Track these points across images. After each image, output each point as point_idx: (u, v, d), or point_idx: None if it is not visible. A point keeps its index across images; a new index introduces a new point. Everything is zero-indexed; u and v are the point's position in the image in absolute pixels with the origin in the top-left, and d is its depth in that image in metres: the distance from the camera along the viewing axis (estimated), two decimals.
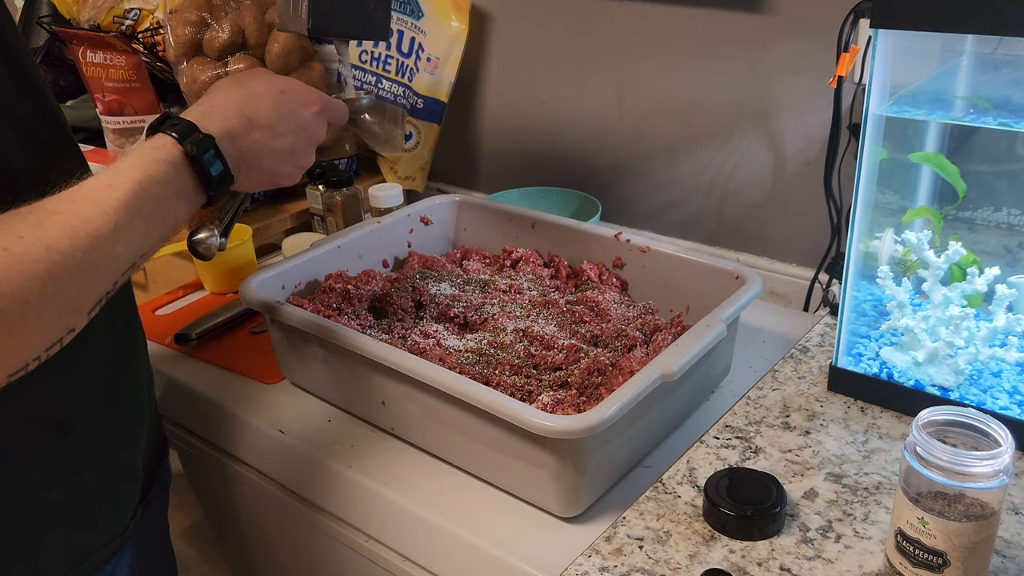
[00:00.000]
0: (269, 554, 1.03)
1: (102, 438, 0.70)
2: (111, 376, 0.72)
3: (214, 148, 0.62)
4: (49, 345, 0.52)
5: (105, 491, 0.72)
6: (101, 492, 0.71)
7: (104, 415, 0.71)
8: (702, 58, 1.14)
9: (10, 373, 0.50)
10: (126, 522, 0.74)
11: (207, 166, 0.61)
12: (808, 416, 0.85)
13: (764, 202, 1.15)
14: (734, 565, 0.67)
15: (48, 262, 0.50)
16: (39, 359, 0.51)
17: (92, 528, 0.71)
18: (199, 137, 0.61)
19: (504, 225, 1.10)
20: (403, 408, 0.83)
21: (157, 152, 0.60)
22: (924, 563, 0.62)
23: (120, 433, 0.73)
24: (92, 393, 0.70)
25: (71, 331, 0.53)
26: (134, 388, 0.76)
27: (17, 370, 0.50)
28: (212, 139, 0.62)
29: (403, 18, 1.37)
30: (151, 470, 0.81)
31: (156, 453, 0.83)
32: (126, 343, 0.75)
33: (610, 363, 0.83)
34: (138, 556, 0.76)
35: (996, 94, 0.84)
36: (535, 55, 1.31)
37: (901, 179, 0.91)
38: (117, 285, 0.56)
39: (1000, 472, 0.59)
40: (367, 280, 0.99)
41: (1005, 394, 0.82)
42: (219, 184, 0.63)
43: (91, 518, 0.70)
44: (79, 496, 0.69)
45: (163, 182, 0.59)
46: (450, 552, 0.77)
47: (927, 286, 0.84)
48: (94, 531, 0.71)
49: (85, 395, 0.69)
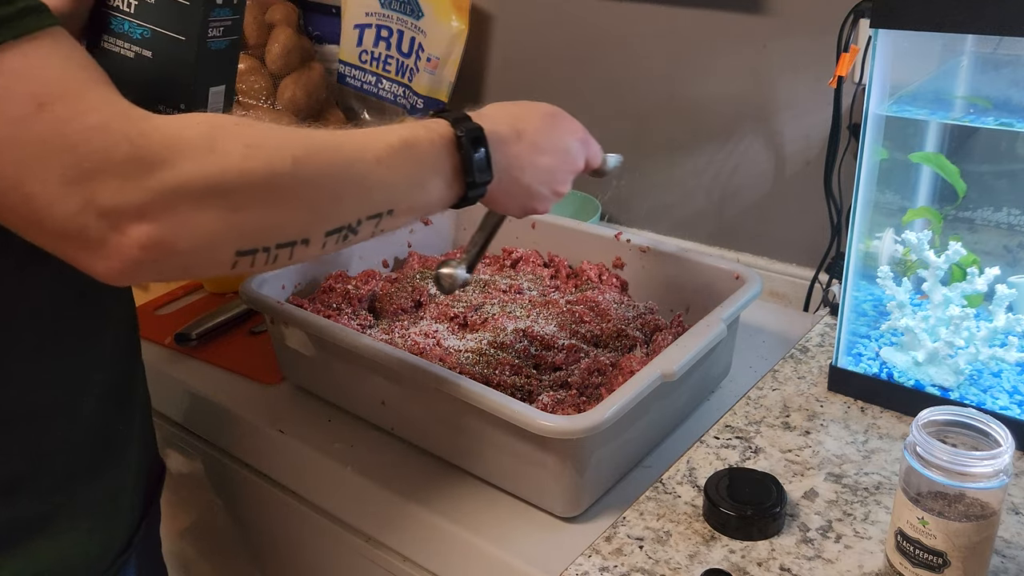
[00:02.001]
0: (269, 554, 1.03)
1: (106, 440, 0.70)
2: (120, 379, 0.72)
3: (483, 139, 0.62)
4: (284, 240, 0.51)
5: (117, 489, 0.71)
6: (106, 500, 0.71)
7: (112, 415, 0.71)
8: (702, 58, 1.14)
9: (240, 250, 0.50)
10: (135, 526, 0.74)
11: (472, 152, 0.61)
12: (808, 416, 0.85)
13: (764, 202, 1.15)
14: (734, 565, 0.67)
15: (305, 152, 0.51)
16: (268, 251, 0.51)
17: (104, 530, 0.70)
18: (471, 125, 0.62)
19: (504, 225, 1.10)
20: (403, 408, 0.83)
21: (429, 125, 0.61)
22: (924, 563, 0.62)
23: (128, 434, 0.73)
24: (109, 388, 0.70)
25: (304, 241, 0.53)
26: (136, 392, 0.76)
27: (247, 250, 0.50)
28: (482, 130, 0.62)
29: (403, 18, 1.37)
30: (152, 482, 0.81)
31: (156, 468, 0.82)
32: (133, 345, 0.75)
33: (610, 363, 0.83)
34: (143, 564, 0.76)
35: (996, 94, 0.84)
36: (535, 55, 1.31)
37: (901, 179, 0.91)
38: (359, 230, 0.56)
39: (1000, 472, 0.59)
40: (367, 280, 0.99)
41: (1005, 394, 0.82)
42: (479, 176, 0.62)
43: (97, 526, 0.70)
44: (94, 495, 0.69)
45: (428, 150, 0.59)
46: (450, 552, 0.77)
47: (927, 286, 0.84)
48: (100, 541, 0.70)
49: (102, 390, 0.69)
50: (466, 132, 0.61)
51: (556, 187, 0.71)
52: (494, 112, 0.66)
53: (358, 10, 1.42)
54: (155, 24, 0.71)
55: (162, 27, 0.71)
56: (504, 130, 0.65)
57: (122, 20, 0.72)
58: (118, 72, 0.75)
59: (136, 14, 0.71)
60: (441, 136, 0.60)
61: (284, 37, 1.41)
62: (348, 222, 0.55)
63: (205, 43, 0.73)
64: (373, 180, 0.56)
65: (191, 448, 1.03)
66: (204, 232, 0.47)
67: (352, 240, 0.57)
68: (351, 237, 0.57)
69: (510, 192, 0.68)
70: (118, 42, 0.73)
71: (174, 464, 1.08)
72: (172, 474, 1.09)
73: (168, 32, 0.71)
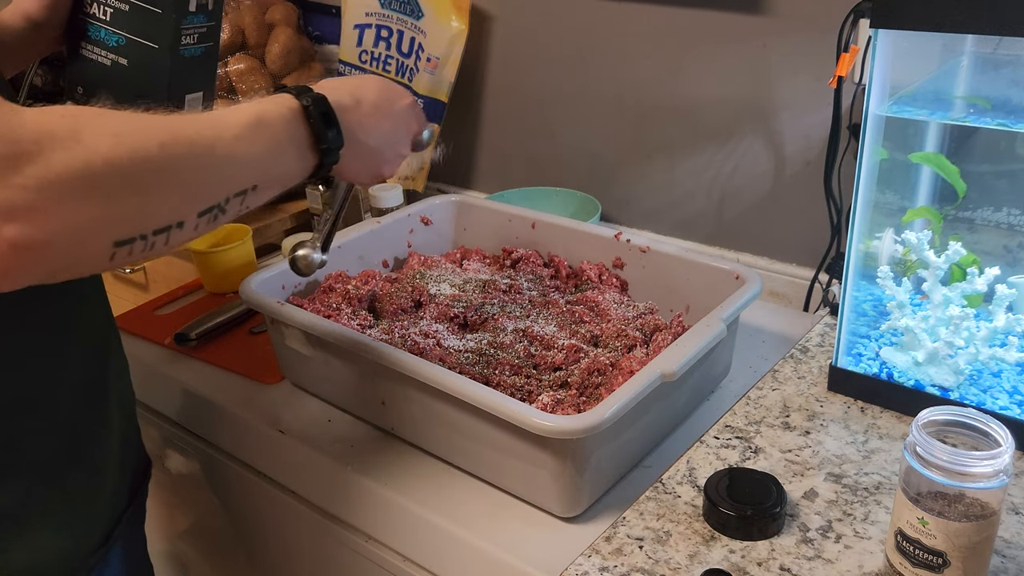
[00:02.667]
0: (269, 554, 1.03)
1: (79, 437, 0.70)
2: (97, 370, 0.72)
3: (328, 107, 0.64)
4: (159, 226, 0.51)
5: (92, 487, 0.72)
6: (88, 488, 0.71)
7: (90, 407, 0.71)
8: (702, 58, 1.14)
9: (117, 239, 0.49)
10: (113, 522, 0.74)
11: (321, 121, 0.63)
12: (808, 416, 0.85)
13: (764, 202, 1.15)
14: (734, 565, 0.67)
15: (171, 136, 0.51)
16: (145, 238, 0.51)
17: (80, 526, 0.70)
18: (315, 95, 0.64)
19: (504, 225, 1.10)
20: (403, 408, 0.83)
21: (275, 100, 0.62)
22: (924, 563, 0.62)
23: (104, 430, 0.73)
24: (80, 385, 0.70)
25: (179, 225, 0.53)
26: (112, 389, 0.76)
27: (124, 239, 0.50)
28: (326, 99, 0.64)
29: (403, 18, 1.37)
30: (136, 478, 0.81)
31: (140, 464, 0.82)
32: (109, 343, 0.75)
33: (610, 363, 0.83)
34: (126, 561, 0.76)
35: (996, 94, 0.84)
36: (535, 55, 1.31)
37: (901, 179, 0.91)
38: (227, 208, 0.56)
39: (1000, 472, 0.59)
40: (367, 280, 0.99)
41: (1005, 394, 0.82)
42: (332, 141, 0.64)
43: (78, 516, 0.70)
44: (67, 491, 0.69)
45: (279, 123, 0.60)
46: (450, 552, 0.77)
47: (927, 286, 0.84)
48: (82, 529, 0.71)
49: (73, 387, 0.69)
50: (312, 102, 0.63)
51: (399, 149, 0.74)
52: (332, 84, 0.68)
53: (358, 10, 1.42)
54: (129, 32, 0.72)
55: (136, 35, 0.72)
56: (345, 99, 0.67)
57: (99, 28, 0.72)
58: (96, 79, 0.75)
59: (111, 22, 0.71)
60: (289, 108, 0.62)
61: (284, 37, 1.41)
62: (217, 201, 0.56)
63: (178, 50, 0.73)
64: (235, 157, 0.56)
65: (191, 448, 1.03)
66: (78, 225, 0.46)
67: (222, 219, 0.57)
68: (220, 217, 0.57)
69: (359, 156, 0.70)
70: (95, 49, 0.73)
71: (174, 464, 1.08)
72: (171, 474, 1.09)
73: (141, 40, 0.72)
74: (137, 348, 1.05)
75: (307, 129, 0.63)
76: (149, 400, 1.05)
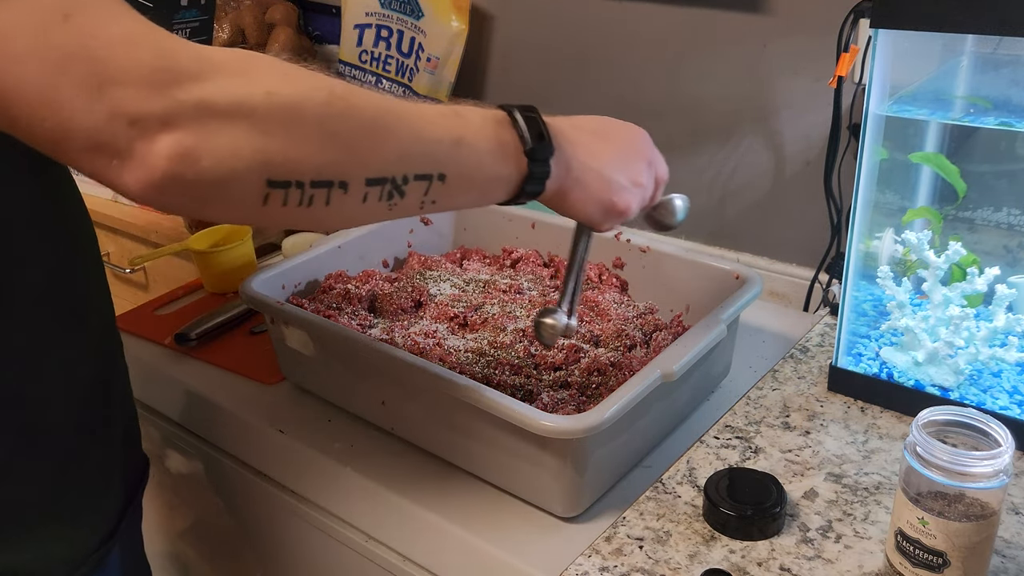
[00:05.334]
0: (269, 554, 1.03)
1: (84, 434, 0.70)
2: (101, 368, 0.72)
3: (536, 112, 0.61)
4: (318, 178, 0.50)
5: (95, 485, 0.72)
6: (91, 485, 0.71)
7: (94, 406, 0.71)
8: (702, 58, 1.14)
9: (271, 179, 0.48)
10: (115, 521, 0.74)
11: (525, 122, 0.60)
12: (808, 416, 0.85)
13: (764, 202, 1.15)
14: (734, 565, 0.67)
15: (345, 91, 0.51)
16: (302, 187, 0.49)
17: (83, 523, 0.70)
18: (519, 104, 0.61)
19: (504, 225, 1.10)
20: (403, 408, 0.83)
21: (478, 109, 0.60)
22: (924, 563, 0.62)
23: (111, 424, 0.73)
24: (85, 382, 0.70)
25: (342, 185, 0.51)
26: (117, 387, 0.76)
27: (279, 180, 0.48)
28: (534, 107, 0.61)
29: (403, 18, 1.37)
30: (135, 478, 0.81)
31: (139, 464, 0.83)
32: (113, 340, 0.76)
33: (610, 363, 0.83)
34: (124, 561, 0.76)
35: (996, 94, 0.84)
36: (535, 55, 1.31)
37: (901, 179, 0.91)
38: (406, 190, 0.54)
39: (1000, 472, 0.59)
40: (367, 280, 0.99)
41: (1005, 394, 0.82)
42: (538, 147, 0.60)
43: (80, 515, 0.70)
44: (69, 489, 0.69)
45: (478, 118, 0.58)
46: (450, 552, 0.77)
47: (927, 286, 0.84)
48: (84, 528, 0.71)
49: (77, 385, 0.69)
50: (518, 108, 0.60)
51: (633, 176, 0.68)
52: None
53: (358, 10, 1.42)
54: None
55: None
56: (556, 120, 0.64)
57: None
58: None
59: None
60: (492, 112, 0.60)
61: (284, 37, 1.41)
62: (391, 174, 0.53)
63: None
64: (417, 133, 0.54)
65: (191, 448, 1.03)
66: (231, 148, 0.46)
67: (399, 205, 0.55)
68: (397, 199, 0.54)
69: (582, 181, 0.64)
70: None
71: (174, 464, 1.08)
72: (172, 474, 1.09)
73: None
74: (137, 348, 1.05)
75: (512, 132, 0.59)
76: (149, 400, 1.05)
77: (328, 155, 0.50)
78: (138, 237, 1.45)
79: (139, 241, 1.46)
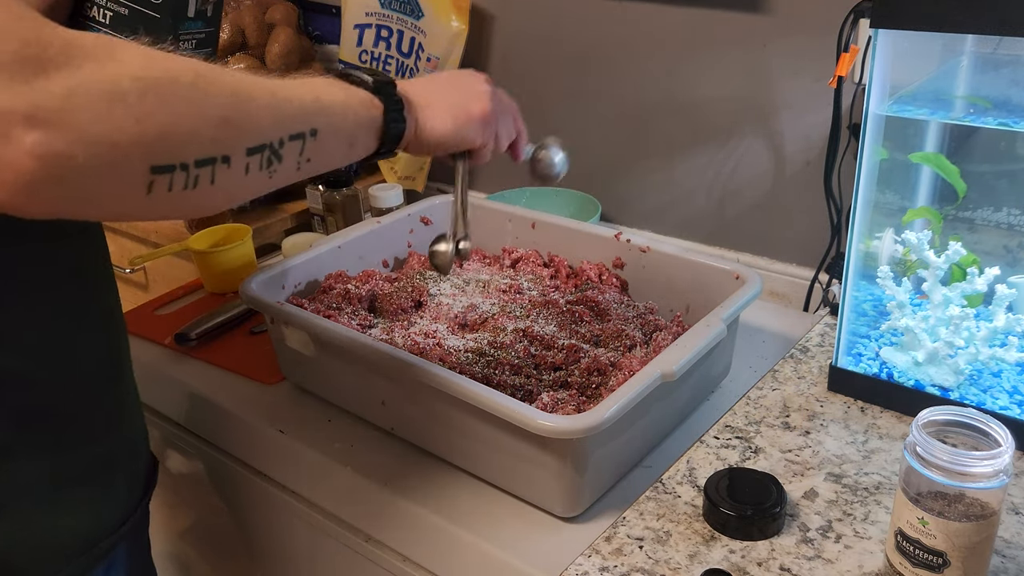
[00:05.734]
0: (269, 554, 1.03)
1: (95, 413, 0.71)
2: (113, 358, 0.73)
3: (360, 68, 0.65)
4: (200, 156, 0.48)
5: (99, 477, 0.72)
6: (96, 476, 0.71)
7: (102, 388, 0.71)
8: (702, 58, 1.14)
9: (154, 165, 0.46)
10: (125, 515, 0.74)
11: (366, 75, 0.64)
12: (808, 416, 0.85)
13: (764, 202, 1.15)
14: (734, 565, 0.67)
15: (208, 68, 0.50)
16: (186, 169, 0.48)
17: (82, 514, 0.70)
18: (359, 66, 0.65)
19: (504, 225, 1.10)
20: (403, 408, 0.83)
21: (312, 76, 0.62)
22: (924, 563, 0.62)
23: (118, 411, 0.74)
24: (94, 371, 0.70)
25: (225, 159, 0.50)
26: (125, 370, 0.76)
27: (162, 165, 0.46)
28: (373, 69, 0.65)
29: (403, 18, 1.37)
30: (147, 474, 0.81)
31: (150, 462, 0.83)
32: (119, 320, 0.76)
33: (610, 363, 0.83)
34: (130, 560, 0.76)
35: (996, 94, 0.84)
36: (535, 55, 1.31)
37: (901, 179, 0.91)
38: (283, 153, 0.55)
39: (1000, 472, 0.59)
40: (367, 280, 0.99)
41: (1005, 394, 0.82)
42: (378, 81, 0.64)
43: (82, 504, 0.70)
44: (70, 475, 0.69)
45: (334, 77, 0.61)
46: (450, 552, 0.77)
47: (927, 286, 0.84)
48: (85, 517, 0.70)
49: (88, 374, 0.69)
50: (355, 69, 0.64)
51: (475, 86, 0.73)
52: None
53: (358, 10, 1.42)
54: (129, 37, 0.72)
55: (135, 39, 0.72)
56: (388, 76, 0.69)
57: (98, 31, 0.72)
58: None
59: (111, 25, 0.71)
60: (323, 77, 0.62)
61: (284, 37, 1.41)
62: (268, 139, 0.53)
63: None
64: (278, 95, 0.55)
65: (191, 448, 1.03)
66: (106, 140, 0.43)
67: (279, 171, 0.55)
68: (276, 164, 0.54)
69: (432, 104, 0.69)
70: None
71: (174, 464, 1.08)
72: (172, 474, 1.09)
73: None
74: (137, 348, 1.05)
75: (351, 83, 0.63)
76: (149, 400, 1.04)
77: (207, 131, 0.49)
78: (138, 237, 1.45)
79: (139, 241, 1.46)
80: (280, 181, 0.56)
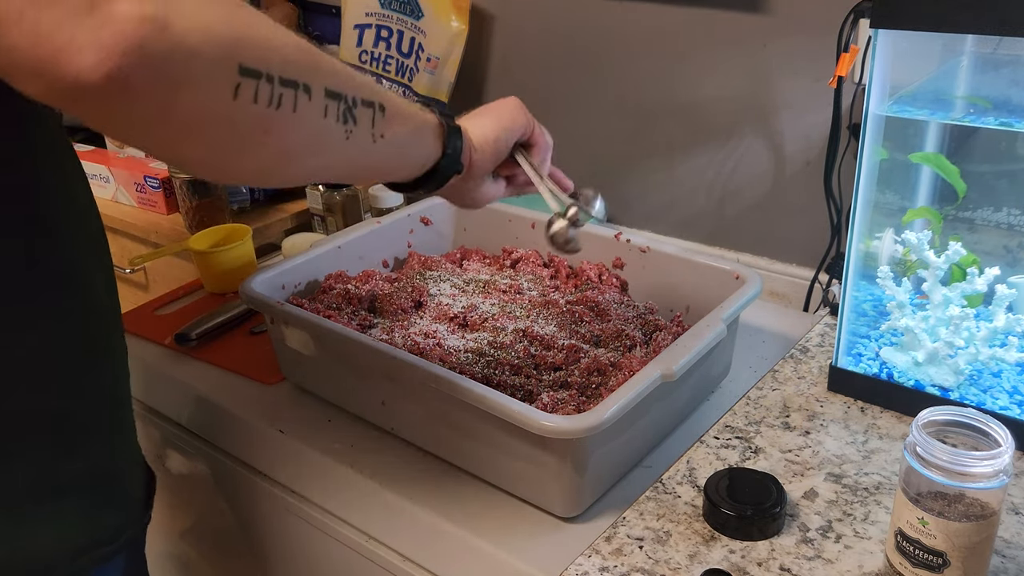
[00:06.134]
0: (269, 554, 1.03)
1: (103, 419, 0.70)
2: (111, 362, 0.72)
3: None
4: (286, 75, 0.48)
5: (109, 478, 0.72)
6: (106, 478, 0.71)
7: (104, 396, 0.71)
8: (702, 58, 1.14)
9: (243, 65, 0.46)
10: (123, 524, 0.74)
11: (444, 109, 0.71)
12: (808, 416, 0.85)
13: (764, 202, 1.15)
14: (734, 565, 0.67)
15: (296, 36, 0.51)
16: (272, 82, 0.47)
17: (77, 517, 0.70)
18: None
19: (504, 225, 1.10)
20: (403, 408, 0.83)
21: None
22: (924, 563, 0.62)
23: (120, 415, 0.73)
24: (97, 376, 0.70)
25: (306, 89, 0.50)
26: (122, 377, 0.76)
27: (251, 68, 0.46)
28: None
29: (403, 18, 1.37)
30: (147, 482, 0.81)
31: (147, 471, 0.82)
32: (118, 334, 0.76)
33: (610, 363, 0.83)
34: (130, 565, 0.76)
35: (996, 94, 0.84)
36: (535, 55, 1.31)
37: (901, 179, 0.91)
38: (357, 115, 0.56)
39: (1000, 472, 0.59)
40: (367, 280, 0.99)
41: (1005, 394, 0.82)
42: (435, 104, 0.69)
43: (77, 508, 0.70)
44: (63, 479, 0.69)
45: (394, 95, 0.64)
46: (450, 552, 0.77)
47: (927, 286, 0.84)
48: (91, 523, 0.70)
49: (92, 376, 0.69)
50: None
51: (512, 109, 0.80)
52: None
53: (358, 10, 1.42)
54: None
55: None
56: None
57: None
58: None
59: None
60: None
61: None
62: (345, 91, 0.54)
63: None
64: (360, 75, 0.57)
65: (191, 448, 1.03)
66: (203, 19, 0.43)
67: (355, 133, 0.56)
68: (352, 125, 0.55)
69: (474, 117, 0.77)
70: None
71: (174, 464, 1.08)
72: (172, 474, 1.09)
73: None
74: (137, 348, 1.05)
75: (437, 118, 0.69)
76: (149, 400, 1.05)
77: (289, 51, 0.49)
78: (138, 237, 1.46)
79: (139, 241, 1.46)
80: (354, 148, 0.57)
